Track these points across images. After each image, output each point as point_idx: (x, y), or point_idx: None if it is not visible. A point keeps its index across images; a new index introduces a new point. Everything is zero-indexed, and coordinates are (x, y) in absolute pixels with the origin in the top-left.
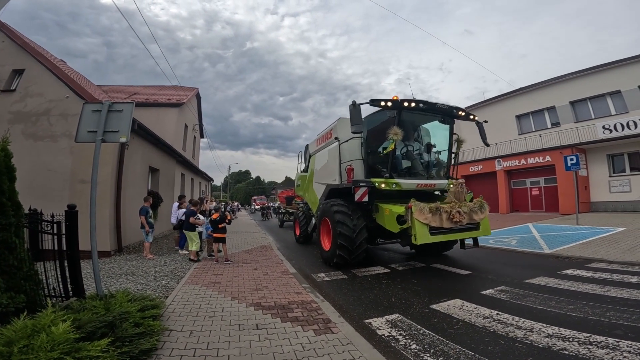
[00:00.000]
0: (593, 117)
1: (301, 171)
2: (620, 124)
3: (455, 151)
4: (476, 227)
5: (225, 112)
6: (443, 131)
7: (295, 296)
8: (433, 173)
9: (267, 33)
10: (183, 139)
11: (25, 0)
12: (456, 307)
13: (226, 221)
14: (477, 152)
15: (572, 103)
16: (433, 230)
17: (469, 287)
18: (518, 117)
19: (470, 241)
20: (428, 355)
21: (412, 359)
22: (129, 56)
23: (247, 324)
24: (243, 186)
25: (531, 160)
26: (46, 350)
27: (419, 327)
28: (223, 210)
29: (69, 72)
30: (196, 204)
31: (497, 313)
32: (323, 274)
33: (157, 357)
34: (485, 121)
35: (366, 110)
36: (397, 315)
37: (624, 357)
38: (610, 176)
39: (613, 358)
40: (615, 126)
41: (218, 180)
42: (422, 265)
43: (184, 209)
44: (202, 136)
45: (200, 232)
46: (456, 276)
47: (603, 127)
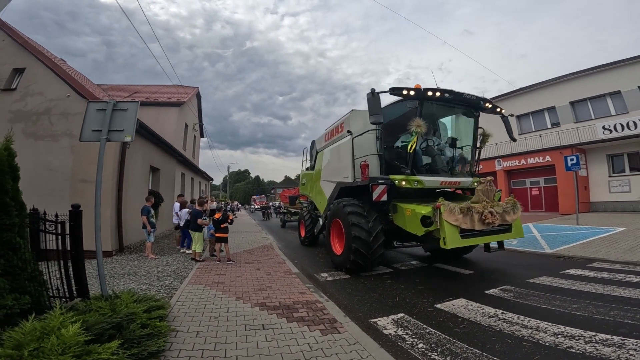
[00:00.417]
0: (593, 118)
1: (306, 169)
2: (620, 124)
3: (480, 146)
4: (508, 229)
5: (224, 112)
6: (465, 124)
7: (299, 296)
8: (457, 170)
9: (267, 32)
10: (183, 139)
11: None
12: (461, 307)
13: (228, 221)
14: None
15: (572, 103)
16: (463, 232)
17: (473, 287)
18: (518, 117)
19: (494, 244)
20: (436, 354)
21: (420, 358)
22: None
23: (253, 324)
24: (242, 186)
25: (531, 160)
26: (57, 353)
27: (425, 327)
28: (225, 210)
29: (69, 71)
30: (202, 204)
31: (502, 312)
32: (326, 274)
33: (165, 359)
34: (511, 114)
35: (383, 100)
36: (403, 314)
37: (631, 355)
38: (610, 176)
39: (619, 356)
40: (615, 126)
41: (217, 179)
42: (425, 265)
43: (187, 209)
44: (202, 135)
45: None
46: (459, 276)
47: (603, 128)
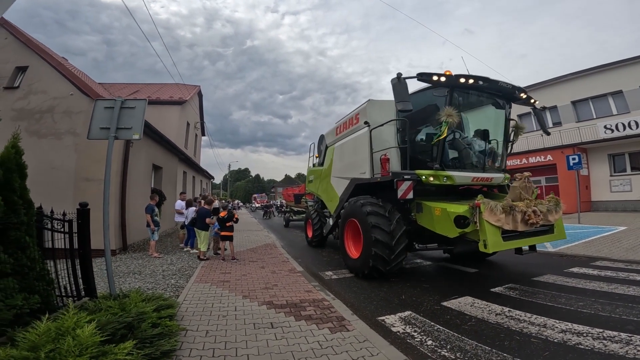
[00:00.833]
0: (595, 117)
1: (313, 165)
2: (621, 124)
3: (513, 140)
4: (550, 230)
5: (224, 110)
6: (494, 116)
7: (305, 294)
8: (487, 165)
9: (267, 31)
10: (185, 137)
11: None
12: (467, 304)
13: (234, 219)
14: None
15: (574, 103)
16: (505, 234)
17: (478, 285)
18: (519, 117)
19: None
20: (445, 350)
21: (430, 355)
22: (129, 54)
23: (262, 323)
24: (243, 184)
25: (532, 159)
26: (75, 354)
27: (433, 324)
28: (231, 208)
29: (72, 70)
30: (210, 203)
31: (509, 310)
32: (330, 272)
33: (177, 359)
34: (543, 107)
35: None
36: (410, 312)
37: (638, 352)
38: (611, 176)
39: (628, 352)
40: (616, 126)
41: (217, 178)
42: (429, 263)
43: (193, 207)
44: (204, 134)
45: None
46: (463, 274)
47: (605, 127)
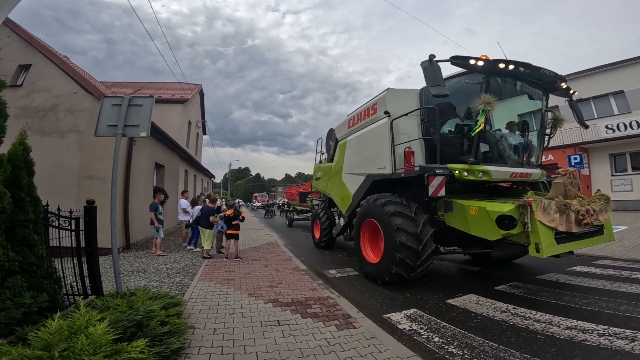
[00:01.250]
0: (596, 117)
1: (319, 162)
2: (622, 124)
3: (551, 133)
4: (600, 231)
5: (225, 110)
6: (528, 106)
7: (310, 292)
8: (525, 160)
9: (268, 30)
10: (187, 136)
11: None
12: (472, 302)
13: (240, 218)
14: None
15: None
16: (558, 236)
17: (482, 283)
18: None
19: None
20: (452, 347)
21: (438, 351)
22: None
23: (269, 321)
24: (243, 183)
25: None
26: (89, 353)
27: (439, 321)
28: (237, 207)
29: (74, 68)
30: (214, 201)
31: (514, 307)
32: (334, 270)
33: (187, 357)
34: (580, 99)
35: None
36: (415, 310)
37: None
38: (612, 175)
39: (634, 348)
40: (618, 126)
41: (218, 177)
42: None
43: (199, 206)
44: (205, 133)
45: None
46: (466, 272)
47: (606, 127)
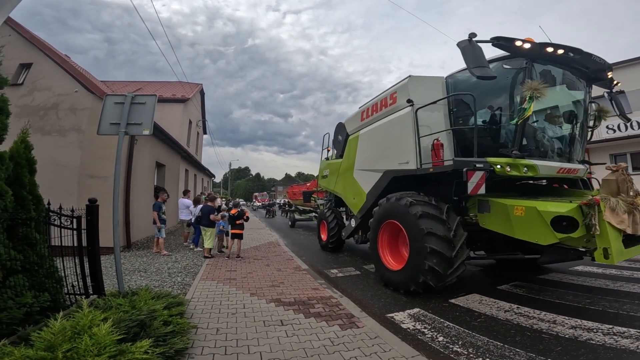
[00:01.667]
0: None
1: (327, 158)
2: (623, 124)
3: (595, 126)
4: None
5: (225, 109)
6: (569, 96)
7: (313, 292)
8: (572, 154)
9: (269, 30)
10: (187, 135)
11: None
12: (475, 301)
13: (244, 217)
14: None
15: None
16: (625, 238)
17: (484, 282)
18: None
19: None
20: (457, 346)
21: (442, 351)
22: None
23: (272, 320)
24: (243, 183)
25: None
26: (93, 354)
27: (442, 321)
28: (241, 207)
29: (75, 67)
30: (213, 200)
31: (517, 307)
32: (336, 270)
33: (190, 357)
34: (621, 91)
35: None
36: (418, 309)
37: None
38: None
39: (639, 347)
40: (618, 126)
41: (218, 176)
42: None
43: (200, 205)
44: (205, 132)
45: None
46: (468, 272)
47: (607, 127)
